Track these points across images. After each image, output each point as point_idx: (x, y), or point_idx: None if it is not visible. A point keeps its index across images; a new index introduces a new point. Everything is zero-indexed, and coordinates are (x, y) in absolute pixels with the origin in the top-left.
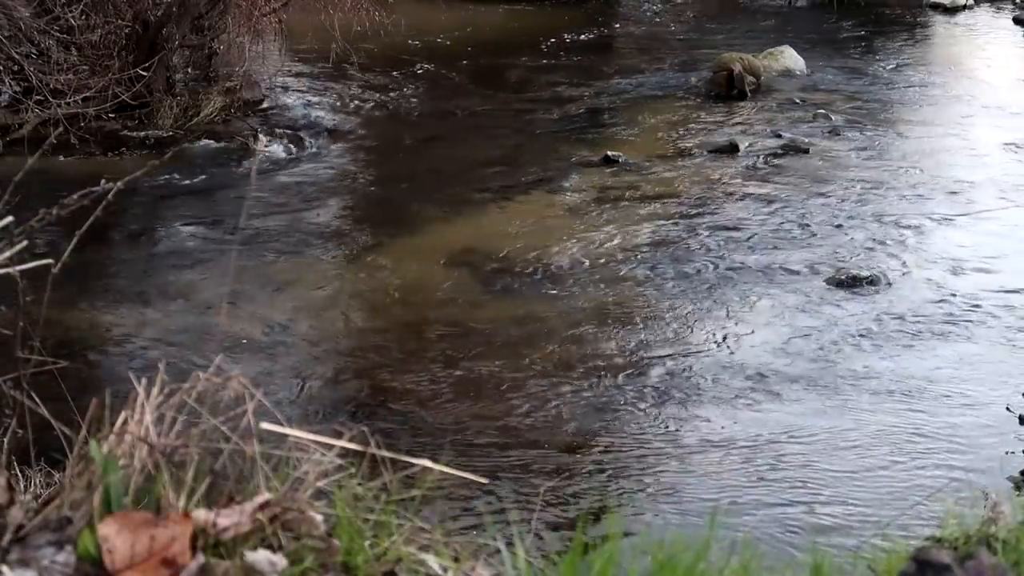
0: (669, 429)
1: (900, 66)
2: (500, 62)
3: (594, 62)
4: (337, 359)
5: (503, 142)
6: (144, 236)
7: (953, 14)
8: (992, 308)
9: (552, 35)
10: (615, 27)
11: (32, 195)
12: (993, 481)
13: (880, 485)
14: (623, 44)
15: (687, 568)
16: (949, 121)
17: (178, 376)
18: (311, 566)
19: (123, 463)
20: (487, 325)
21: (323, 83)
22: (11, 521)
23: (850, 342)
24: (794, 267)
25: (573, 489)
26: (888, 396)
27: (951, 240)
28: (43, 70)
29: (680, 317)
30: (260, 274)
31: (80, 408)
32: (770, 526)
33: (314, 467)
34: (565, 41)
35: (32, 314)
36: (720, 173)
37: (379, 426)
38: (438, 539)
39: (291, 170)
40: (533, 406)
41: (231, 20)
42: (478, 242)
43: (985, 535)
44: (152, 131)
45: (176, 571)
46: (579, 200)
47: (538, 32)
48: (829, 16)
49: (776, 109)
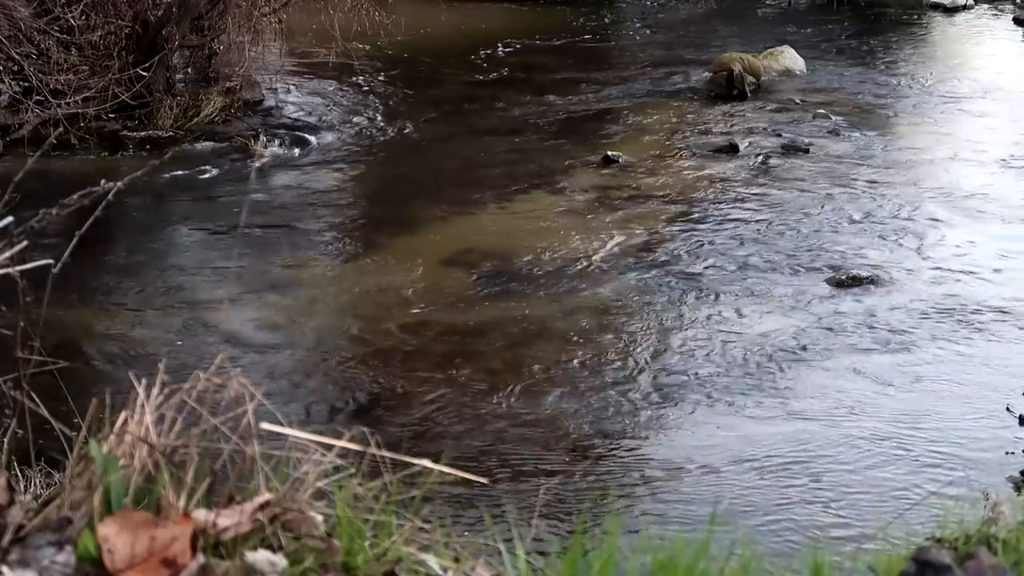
0: (669, 429)
1: (900, 66)
2: (500, 62)
3: (594, 62)
4: (337, 359)
5: (503, 142)
6: (144, 236)
7: (953, 14)
8: (992, 308)
9: (552, 35)
10: (615, 27)
11: (32, 195)
12: (993, 481)
13: (880, 485)
14: (623, 44)
15: (687, 568)
16: (949, 121)
17: (178, 376)
18: (311, 566)
19: (123, 463)
20: (487, 325)
21: (323, 83)
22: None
23: (850, 342)
24: (794, 267)
25: (573, 489)
26: (888, 396)
27: (951, 240)
28: (43, 70)
29: (680, 317)
30: (260, 274)
31: (80, 408)
32: (769, 525)
33: (314, 467)
34: (565, 41)
35: (32, 314)
36: (720, 173)
37: (379, 426)
38: (438, 539)
39: (291, 170)
40: (533, 406)
41: (231, 20)
42: (478, 242)
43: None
44: (152, 131)
45: (176, 571)
46: (579, 200)
47: (538, 32)
48: (829, 16)
49: (776, 109)
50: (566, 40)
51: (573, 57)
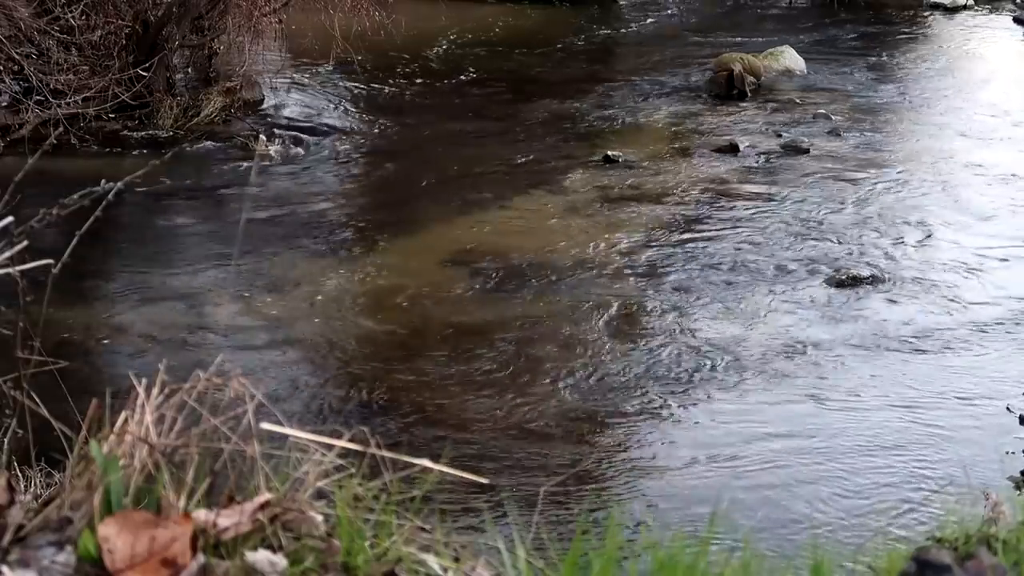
0: (669, 428)
1: (900, 66)
2: (500, 62)
3: (594, 62)
4: (337, 359)
5: (503, 141)
6: (144, 236)
7: (953, 14)
8: (992, 308)
9: (552, 35)
10: (615, 27)
11: (32, 195)
12: (993, 481)
13: (880, 485)
14: (623, 44)
15: (687, 568)
16: (949, 121)
17: (178, 376)
18: (311, 566)
19: (123, 463)
20: (487, 324)
21: (323, 83)
22: (11, 521)
23: (849, 342)
24: (794, 267)
25: (573, 488)
26: (888, 395)
27: (951, 240)
28: (43, 70)
29: (680, 317)
30: (260, 274)
31: (80, 408)
32: (768, 525)
33: (314, 467)
34: (565, 41)
35: (32, 314)
36: (720, 173)
37: (379, 426)
38: (438, 539)
39: (291, 170)
40: (533, 405)
41: (231, 20)
42: (478, 242)
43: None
44: (152, 131)
45: (176, 571)
46: (579, 200)
47: (538, 32)
48: (829, 16)
49: (776, 109)
50: (566, 40)
51: (574, 57)
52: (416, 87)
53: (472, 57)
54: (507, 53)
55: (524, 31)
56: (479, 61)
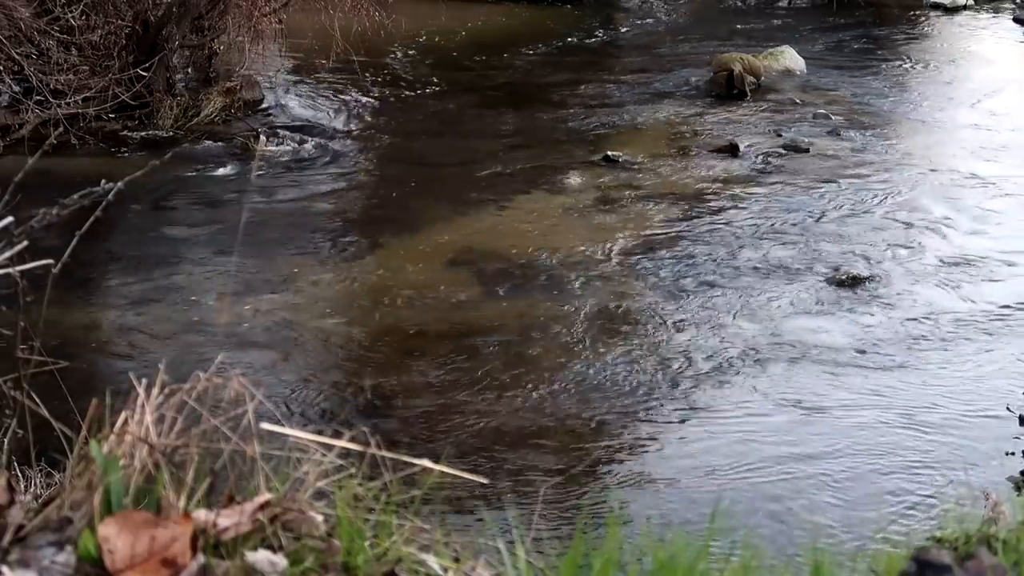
0: (669, 428)
1: (900, 66)
2: (500, 62)
3: (594, 62)
4: (338, 359)
5: (503, 141)
6: (144, 236)
7: (953, 14)
8: (993, 308)
9: (552, 35)
10: (615, 27)
11: (32, 195)
12: (993, 481)
13: (880, 484)
14: (623, 44)
15: (687, 568)
16: (949, 121)
17: (178, 376)
18: (311, 566)
19: (123, 463)
20: (488, 324)
21: (323, 83)
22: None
23: (849, 342)
24: (794, 267)
25: (573, 489)
26: (887, 395)
27: (951, 240)
28: (43, 70)
29: (680, 317)
30: (260, 274)
31: (80, 408)
32: (768, 524)
33: (314, 467)
34: (565, 41)
35: (32, 314)
36: (720, 173)
37: (379, 426)
38: (438, 539)
39: (291, 170)
40: (534, 406)
41: (231, 20)
42: (478, 242)
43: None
44: (152, 131)
45: (176, 571)
46: (579, 200)
47: (538, 32)
48: (829, 16)
49: (776, 109)
50: (566, 39)
51: (574, 56)
52: (415, 87)
53: (471, 57)
54: (507, 52)
55: (524, 30)
56: (479, 60)
